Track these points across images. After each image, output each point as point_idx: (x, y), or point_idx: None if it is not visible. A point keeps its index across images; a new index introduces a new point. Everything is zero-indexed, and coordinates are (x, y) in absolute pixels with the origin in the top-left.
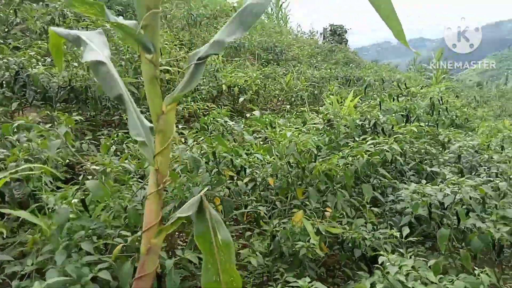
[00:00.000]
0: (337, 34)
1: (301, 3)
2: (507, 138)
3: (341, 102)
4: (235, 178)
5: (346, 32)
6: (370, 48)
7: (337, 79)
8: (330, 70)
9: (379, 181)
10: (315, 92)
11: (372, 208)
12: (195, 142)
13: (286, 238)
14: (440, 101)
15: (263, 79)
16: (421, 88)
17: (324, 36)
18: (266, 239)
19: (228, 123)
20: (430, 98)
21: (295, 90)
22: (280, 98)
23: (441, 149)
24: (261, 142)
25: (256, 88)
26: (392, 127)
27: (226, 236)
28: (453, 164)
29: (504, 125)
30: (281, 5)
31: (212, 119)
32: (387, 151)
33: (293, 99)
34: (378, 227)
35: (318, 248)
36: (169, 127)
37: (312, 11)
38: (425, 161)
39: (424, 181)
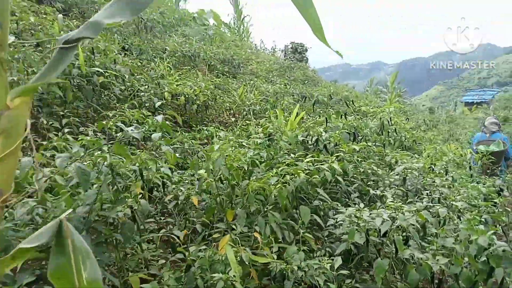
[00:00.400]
0: (298, 52)
1: (266, 19)
2: (452, 161)
3: (286, 116)
4: (141, 196)
5: (306, 50)
6: (332, 69)
7: (293, 96)
8: (285, 85)
9: (321, 203)
10: (268, 106)
11: (313, 233)
12: (89, 150)
13: (204, 268)
14: (390, 122)
15: (213, 89)
16: (371, 108)
17: (285, 53)
18: (181, 270)
19: (127, 129)
20: (380, 118)
21: (247, 104)
22: (232, 111)
23: (388, 170)
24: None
25: (205, 99)
26: (336, 145)
27: (93, 273)
28: (398, 187)
29: (449, 149)
30: (243, 19)
31: (112, 123)
32: (327, 171)
33: (245, 112)
34: (315, 255)
35: (238, 282)
36: (17, 127)
37: (277, 28)
38: (371, 183)
39: (362, 205)
